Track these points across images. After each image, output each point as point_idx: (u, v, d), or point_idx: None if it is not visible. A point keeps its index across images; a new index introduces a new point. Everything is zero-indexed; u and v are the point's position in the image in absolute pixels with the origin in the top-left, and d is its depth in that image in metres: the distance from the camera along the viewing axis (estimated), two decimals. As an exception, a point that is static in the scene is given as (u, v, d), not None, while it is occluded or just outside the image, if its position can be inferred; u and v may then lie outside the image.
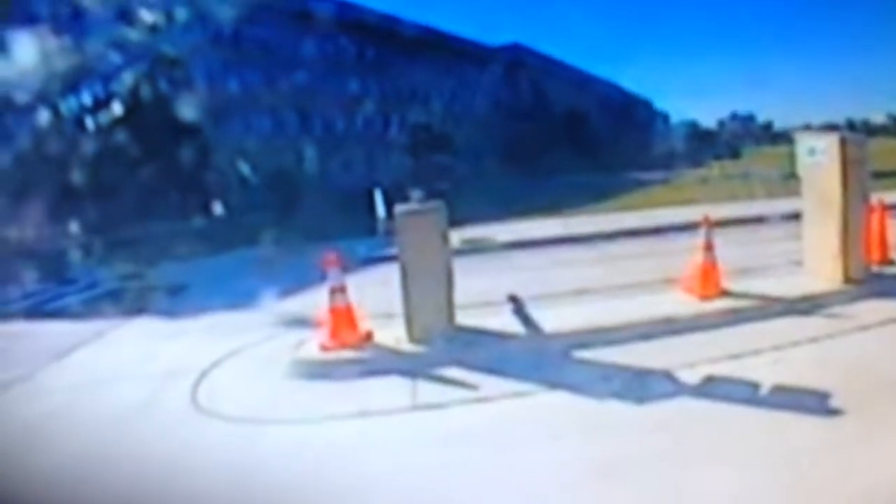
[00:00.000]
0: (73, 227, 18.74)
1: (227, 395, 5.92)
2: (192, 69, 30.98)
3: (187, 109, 26.61)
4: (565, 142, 49.83)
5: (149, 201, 23.65)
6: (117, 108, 25.75)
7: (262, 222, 17.12)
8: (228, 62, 34.12)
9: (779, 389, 5.09)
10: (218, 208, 22.03)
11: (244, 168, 29.99)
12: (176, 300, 10.37)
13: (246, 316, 8.43)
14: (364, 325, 6.69)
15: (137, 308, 9.66)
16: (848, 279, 7.32)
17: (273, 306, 8.71)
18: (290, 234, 14.87)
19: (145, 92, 27.48)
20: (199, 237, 17.24)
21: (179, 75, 29.53)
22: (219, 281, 11.25)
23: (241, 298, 9.18)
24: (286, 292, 9.36)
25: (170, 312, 9.33)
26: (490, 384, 5.62)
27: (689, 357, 5.83)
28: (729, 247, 8.48)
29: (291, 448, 4.84)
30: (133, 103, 26.35)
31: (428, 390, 5.64)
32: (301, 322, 7.59)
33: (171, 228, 20.38)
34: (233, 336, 7.47)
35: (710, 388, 5.24)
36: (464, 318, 6.89)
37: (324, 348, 6.48)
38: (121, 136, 24.45)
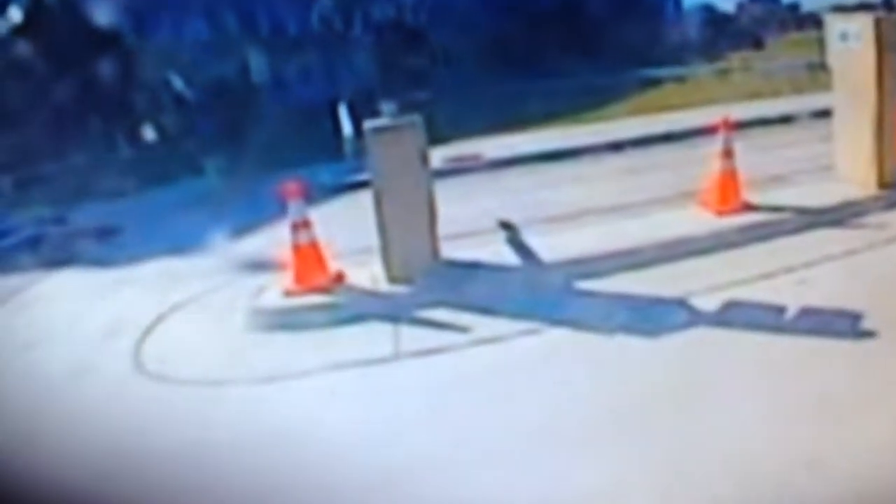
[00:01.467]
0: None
1: (176, 354, 6.01)
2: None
3: (103, 11, 25.96)
4: (561, 36, 49.23)
5: (64, 128, 23.27)
6: (15, 14, 25.07)
7: (205, 147, 16.96)
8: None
9: (808, 312, 5.27)
10: (149, 133, 21.74)
11: (178, 82, 29.48)
12: (108, 246, 10.35)
13: (193, 261, 8.45)
14: (334, 264, 6.78)
15: (62, 258, 9.64)
16: (883, 184, 7.48)
17: (225, 248, 8.73)
18: (239, 160, 14.75)
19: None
20: (129, 169, 17.06)
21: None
22: (157, 221, 11.21)
23: (185, 240, 9.13)
24: (239, 231, 9.39)
25: (101, 261, 9.35)
26: (483, 325, 5.76)
27: (706, 281, 6.01)
28: (751, 153, 8.60)
29: (253, 411, 4.94)
30: (34, 6, 25.65)
31: (412, 336, 5.77)
32: (259, 265, 7.67)
33: (94, 160, 20.13)
34: (179, 285, 7.54)
35: (731, 314, 5.42)
36: (450, 251, 7.00)
37: (287, 294, 6.58)
38: (22, 49, 23.88)
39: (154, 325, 6.66)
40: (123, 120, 23.71)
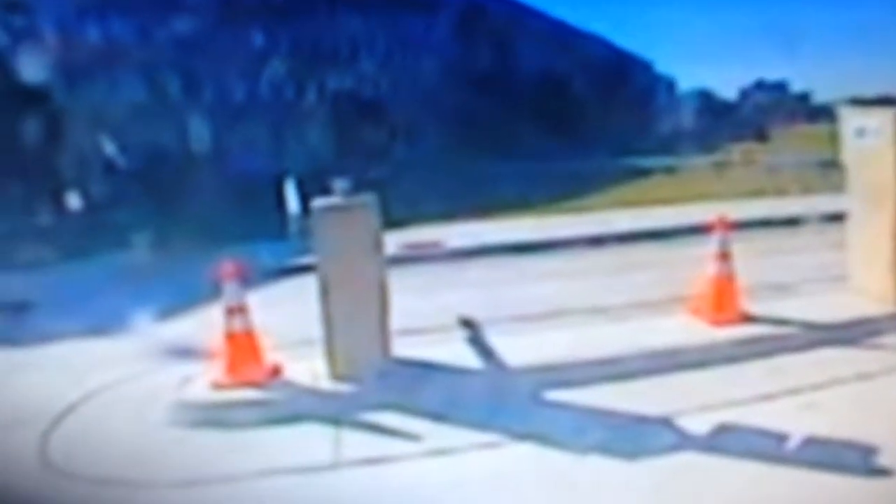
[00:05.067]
0: None
1: (87, 449, 5.89)
2: (38, 13, 30.44)
3: (31, 67, 26.11)
4: (538, 115, 50.27)
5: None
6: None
7: (135, 219, 16.94)
8: (87, 4, 33.63)
9: (813, 442, 5.19)
10: (74, 200, 21.63)
11: (109, 147, 29.51)
12: (17, 323, 10.18)
13: (112, 344, 8.34)
14: (270, 356, 6.76)
15: (-38, 334, 9.48)
16: (904, 299, 7.44)
17: (149, 331, 8.60)
18: (172, 235, 14.71)
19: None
20: (48, 238, 16.88)
21: (20, 22, 28.96)
22: (75, 297, 11.06)
23: (105, 320, 8.97)
24: (167, 312, 9.29)
25: (9, 339, 9.17)
26: (436, 434, 5.73)
27: (696, 400, 5.98)
28: (751, 257, 8.66)
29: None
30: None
31: (355, 441, 5.72)
32: (186, 352, 7.59)
33: (10, 227, 19.93)
34: (95, 371, 7.42)
35: (724, 440, 5.34)
36: (402, 348, 7.00)
37: (217, 386, 6.52)
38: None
39: (64, 414, 6.53)
40: (46, 185, 23.57)
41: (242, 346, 6.59)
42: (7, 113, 25.39)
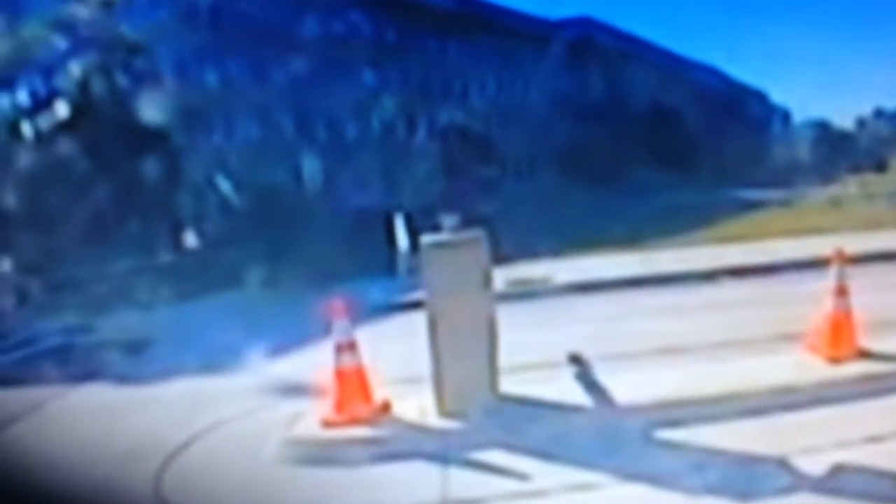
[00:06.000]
0: (4, 265, 19.10)
1: (200, 484, 6.06)
2: (158, 57, 31.57)
3: (151, 110, 26.97)
4: (649, 149, 49.73)
5: (102, 230, 24.07)
6: (61, 109, 26.08)
7: (248, 257, 17.34)
8: (205, 48, 34.75)
9: None
10: (190, 239, 22.28)
11: (225, 186, 30.31)
12: (136, 360, 10.60)
13: (226, 380, 8.63)
14: (380, 393, 6.83)
15: (87, 371, 9.89)
16: None
17: (261, 368, 8.86)
18: (283, 272, 15.06)
19: (97, 87, 27.96)
20: (165, 277, 17.50)
21: (141, 65, 30.05)
22: (191, 335, 11.42)
23: (219, 358, 9.35)
24: (278, 350, 9.51)
25: (128, 377, 9.55)
26: (545, 473, 5.69)
27: (812, 440, 5.82)
28: (869, 292, 8.38)
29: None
30: (82, 102, 26.76)
31: (463, 480, 5.72)
32: (297, 389, 7.75)
33: (130, 266, 20.70)
34: (208, 408, 7.66)
35: (841, 481, 5.21)
36: (510, 386, 6.98)
37: (326, 424, 6.61)
38: (65, 146, 24.85)
39: (179, 450, 6.73)
40: (164, 224, 24.41)
41: (351, 384, 6.67)
42: (128, 154, 26.31)
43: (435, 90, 46.19)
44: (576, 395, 7.05)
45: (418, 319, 6.95)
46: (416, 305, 7.98)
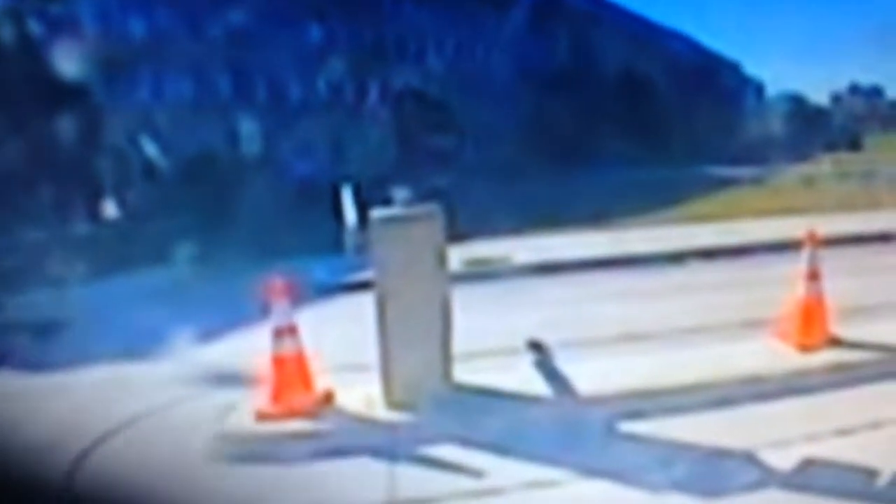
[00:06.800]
0: None
1: (118, 482, 5.93)
2: (77, 2, 30.99)
3: (68, 62, 26.49)
4: (618, 120, 50.00)
5: (11, 197, 23.66)
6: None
7: (177, 230, 17.17)
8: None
9: None
10: (110, 208, 22.01)
11: (152, 150, 29.93)
12: (49, 344, 10.41)
13: (150, 367, 8.48)
14: (322, 382, 6.76)
15: (-7, 355, 9.71)
16: None
17: (190, 353, 8.76)
18: (216, 248, 14.92)
19: (6, 34, 27.41)
20: (83, 250, 17.26)
21: (57, 12, 29.49)
22: (110, 316, 11.24)
23: (143, 342, 9.16)
24: (209, 334, 9.42)
25: (39, 362, 9.37)
26: (501, 469, 5.68)
27: (781, 432, 5.93)
28: (842, 276, 8.56)
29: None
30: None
31: (412, 478, 5.70)
32: (230, 377, 7.67)
33: (42, 237, 20.38)
34: (129, 397, 7.53)
35: (810, 476, 5.30)
36: (465, 374, 6.97)
37: (262, 416, 6.53)
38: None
39: (95, 444, 6.61)
40: (82, 190, 24.03)
41: (291, 372, 6.60)
42: (42, 112, 25.82)
43: (388, 50, 45.89)
44: (535, 384, 7.06)
45: (366, 301, 6.90)
46: (363, 286, 7.96)
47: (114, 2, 33.23)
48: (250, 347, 7.57)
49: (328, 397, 6.71)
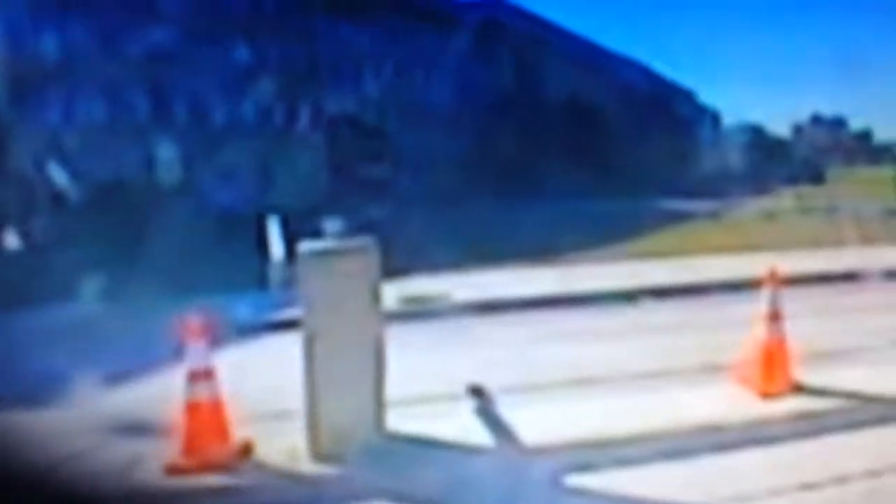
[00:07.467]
0: None
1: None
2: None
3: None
4: (565, 150, 50.58)
5: None
6: None
7: (86, 261, 16.92)
8: (42, 7, 34.00)
9: None
10: (11, 239, 21.75)
11: (59, 175, 29.71)
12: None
13: (48, 415, 8.23)
14: (240, 431, 6.63)
15: None
16: None
17: (93, 400, 8.52)
18: (128, 282, 14.69)
19: None
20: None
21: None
22: (9, 356, 11.04)
23: (40, 386, 8.91)
24: (116, 377, 9.18)
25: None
26: (437, 530, 5.59)
27: (742, 486, 5.95)
28: (805, 317, 8.69)
29: None
30: None
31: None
32: (137, 427, 7.46)
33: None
34: (23, 449, 7.25)
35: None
36: (399, 422, 6.91)
37: (172, 470, 6.36)
38: None
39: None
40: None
41: (206, 420, 6.47)
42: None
43: (322, 73, 46.06)
44: (476, 433, 7.04)
45: (292, 341, 6.82)
46: (290, 325, 7.94)
47: (22, 15, 32.95)
48: (162, 392, 7.40)
49: (247, 449, 6.58)
